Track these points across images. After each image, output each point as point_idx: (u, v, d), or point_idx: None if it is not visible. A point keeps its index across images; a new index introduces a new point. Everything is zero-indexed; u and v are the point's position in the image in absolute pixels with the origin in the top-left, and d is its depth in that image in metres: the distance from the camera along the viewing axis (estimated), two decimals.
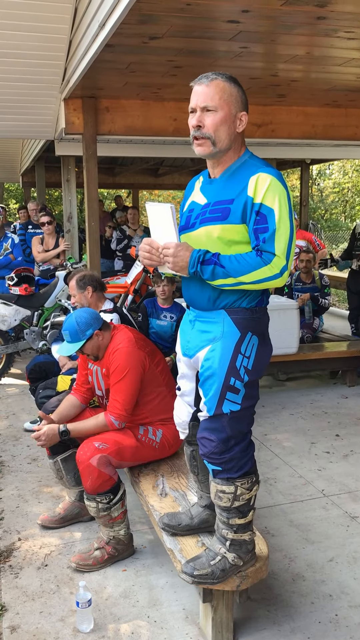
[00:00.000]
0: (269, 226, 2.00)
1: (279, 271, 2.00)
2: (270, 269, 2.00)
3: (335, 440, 4.50)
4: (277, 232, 2.00)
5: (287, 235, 2.01)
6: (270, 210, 2.00)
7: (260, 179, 2.02)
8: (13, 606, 2.64)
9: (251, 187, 2.03)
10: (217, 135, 2.08)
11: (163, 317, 4.61)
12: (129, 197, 19.60)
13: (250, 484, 2.23)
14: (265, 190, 2.01)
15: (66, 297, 6.11)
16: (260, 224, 2.01)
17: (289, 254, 2.02)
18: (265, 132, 5.82)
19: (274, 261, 2.00)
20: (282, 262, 2.00)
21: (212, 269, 2.03)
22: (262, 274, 2.00)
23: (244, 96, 2.14)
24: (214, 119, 2.07)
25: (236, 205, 2.05)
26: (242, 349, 2.12)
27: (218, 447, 2.18)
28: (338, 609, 2.61)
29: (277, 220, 2.00)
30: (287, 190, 2.05)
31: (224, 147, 2.11)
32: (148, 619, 2.55)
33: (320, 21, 3.42)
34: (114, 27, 3.20)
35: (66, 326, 2.99)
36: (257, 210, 2.02)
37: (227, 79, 2.09)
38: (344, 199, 21.75)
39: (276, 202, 2.00)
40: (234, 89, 2.10)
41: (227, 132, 2.09)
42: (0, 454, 4.29)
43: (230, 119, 2.09)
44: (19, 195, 20.90)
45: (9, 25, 3.88)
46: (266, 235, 2.00)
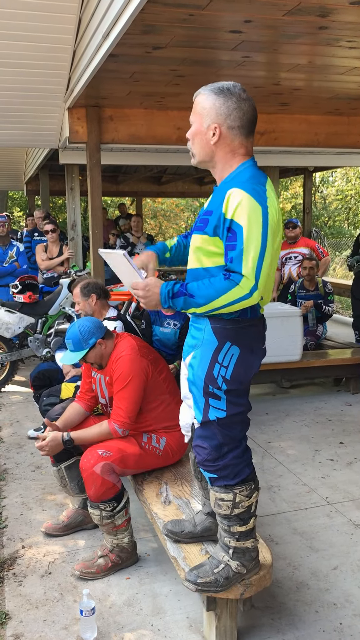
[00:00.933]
0: (237, 244, 1.93)
1: (248, 291, 1.92)
2: (240, 290, 1.92)
3: (339, 447, 4.49)
4: (244, 251, 1.91)
5: (256, 254, 1.92)
6: (240, 228, 1.93)
7: (233, 195, 1.96)
8: (17, 614, 2.64)
9: (225, 202, 1.99)
10: (193, 148, 2.14)
11: (166, 324, 4.62)
12: (132, 205, 19.67)
13: (249, 491, 2.23)
14: (236, 206, 1.94)
15: (70, 304, 6.13)
16: (230, 241, 1.96)
17: (259, 274, 1.92)
18: (268, 140, 5.86)
19: (242, 281, 1.92)
20: (251, 282, 1.91)
21: (183, 300, 2.02)
22: (231, 296, 1.94)
23: (225, 107, 2.05)
24: (190, 132, 2.14)
25: (213, 217, 2.05)
26: (219, 358, 2.10)
27: (211, 454, 2.18)
28: (342, 617, 2.60)
29: (246, 238, 1.91)
30: (263, 206, 1.95)
31: (202, 159, 2.14)
32: (152, 628, 2.54)
33: (322, 31, 3.45)
34: (118, 37, 3.24)
35: (69, 335, 3.00)
36: (228, 227, 1.96)
37: (209, 91, 2.07)
38: (347, 206, 21.77)
39: (245, 219, 1.92)
40: (209, 101, 2.06)
41: (199, 144, 2.11)
42: (4, 461, 4.30)
43: (201, 131, 2.09)
44: (23, 204, 20.99)
45: (13, 35, 3.92)
46: (234, 255, 1.93)
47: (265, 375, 5.48)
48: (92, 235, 5.52)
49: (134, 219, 8.65)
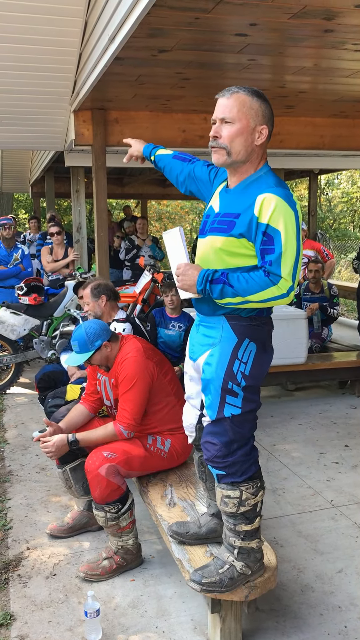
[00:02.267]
0: (275, 248, 2.01)
1: (285, 292, 2.03)
2: (277, 289, 2.03)
3: (344, 450, 4.48)
4: (283, 254, 2.01)
5: (293, 257, 2.02)
6: (277, 232, 2.01)
7: (266, 200, 2.03)
8: (22, 615, 2.65)
9: (257, 206, 2.04)
10: (232, 147, 2.11)
11: (171, 326, 4.63)
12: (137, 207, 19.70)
13: (255, 489, 2.25)
14: (272, 211, 2.01)
15: (75, 306, 6.15)
16: (266, 244, 2.03)
17: (295, 275, 2.04)
18: (274, 143, 5.83)
19: (280, 282, 2.02)
20: (289, 283, 2.03)
21: (221, 288, 2.07)
22: (269, 294, 2.04)
23: (268, 110, 2.14)
24: (230, 131, 2.11)
25: (241, 220, 2.08)
26: (239, 354, 2.16)
27: (221, 450, 2.21)
28: (347, 620, 2.59)
29: (284, 242, 2.00)
30: (295, 211, 2.05)
31: (239, 159, 2.14)
32: (156, 630, 2.54)
33: (327, 34, 3.45)
34: (124, 40, 3.25)
35: (75, 336, 3.01)
36: (264, 231, 2.03)
37: (250, 93, 2.12)
38: (353, 208, 21.73)
39: (282, 224, 2.00)
40: (255, 102, 2.11)
41: (243, 144, 2.11)
42: (9, 463, 4.31)
43: (248, 131, 2.11)
44: (28, 206, 21.05)
45: (20, 38, 3.94)
46: (272, 258, 2.02)
47: (270, 378, 5.47)
48: (97, 238, 5.52)
49: (139, 221, 8.67)
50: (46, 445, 2.93)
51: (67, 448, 2.96)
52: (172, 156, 2.58)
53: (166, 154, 2.61)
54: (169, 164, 2.58)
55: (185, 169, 2.52)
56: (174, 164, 2.56)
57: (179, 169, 2.54)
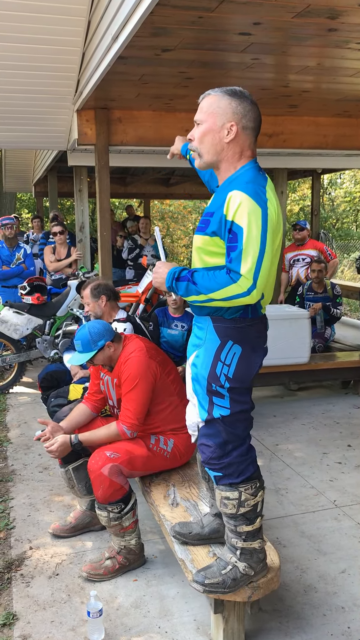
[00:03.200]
0: (238, 245, 1.97)
1: (245, 290, 1.96)
2: (238, 287, 1.97)
3: (347, 450, 4.47)
4: (244, 251, 1.95)
5: (256, 255, 1.95)
6: (240, 229, 1.97)
7: (233, 197, 1.99)
8: (24, 615, 2.65)
9: (225, 204, 2.03)
10: (201, 147, 2.15)
11: (174, 326, 4.62)
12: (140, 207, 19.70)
13: (254, 490, 2.24)
14: (236, 208, 1.97)
15: (78, 306, 6.15)
16: (231, 242, 2.00)
17: (258, 274, 1.96)
18: (277, 142, 5.85)
19: (240, 280, 1.96)
20: (249, 282, 1.95)
21: (186, 286, 2.07)
22: (230, 292, 1.98)
23: (241, 107, 2.09)
24: (198, 131, 2.15)
25: (214, 218, 2.09)
26: (221, 356, 2.14)
27: (215, 452, 2.21)
28: (350, 621, 2.58)
29: (245, 239, 1.95)
30: (263, 208, 1.99)
31: (209, 159, 2.15)
32: (159, 630, 2.54)
33: (331, 33, 3.44)
34: (127, 39, 3.24)
35: (78, 336, 3.01)
36: (229, 229, 2.01)
37: (221, 92, 2.11)
38: (355, 208, 21.71)
39: (245, 221, 1.96)
40: (224, 100, 2.10)
41: (211, 142, 2.12)
42: (12, 462, 4.31)
43: (215, 129, 2.11)
44: (31, 205, 21.06)
45: (23, 38, 3.94)
46: (234, 255, 1.98)
47: (273, 378, 5.47)
48: (100, 237, 5.52)
49: (142, 220, 8.66)
50: (50, 446, 2.93)
51: (70, 449, 2.96)
52: None
53: None
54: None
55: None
56: None
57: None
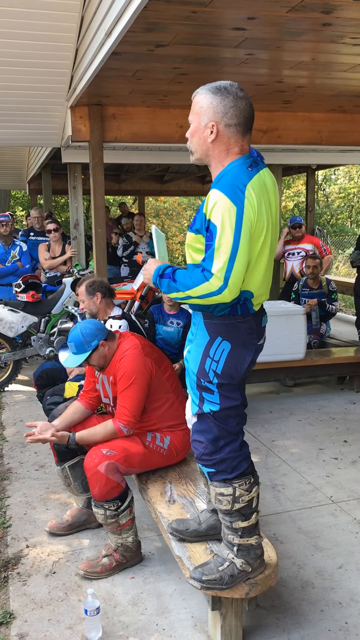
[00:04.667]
0: (212, 244, 1.97)
1: (216, 289, 1.96)
2: (210, 285, 1.97)
3: (343, 446, 4.48)
4: (216, 250, 1.96)
5: (227, 253, 1.94)
6: (215, 227, 1.97)
7: (211, 196, 2.01)
8: (21, 614, 2.64)
9: (206, 203, 2.05)
10: (192, 146, 2.19)
11: (170, 323, 4.61)
12: (135, 204, 19.66)
13: (248, 485, 2.24)
14: (212, 206, 1.98)
15: (73, 303, 6.13)
16: (208, 240, 2.02)
17: (230, 273, 1.95)
18: (271, 138, 5.84)
19: (212, 279, 1.96)
20: (219, 281, 1.95)
21: (167, 283, 2.10)
22: (203, 290, 1.99)
23: (222, 105, 2.06)
24: (189, 131, 2.19)
25: (198, 216, 2.12)
26: (210, 352, 2.15)
27: (208, 447, 2.21)
28: (348, 616, 2.59)
29: (218, 237, 1.96)
30: (238, 206, 1.96)
31: (198, 157, 2.19)
32: (157, 627, 2.54)
33: (325, 27, 3.43)
34: (121, 35, 3.23)
35: (71, 338, 3.00)
36: (207, 227, 2.03)
37: (206, 90, 2.10)
38: (350, 204, 21.72)
39: (219, 219, 1.96)
40: (206, 99, 2.08)
41: (197, 142, 2.15)
42: (8, 460, 4.30)
43: (200, 130, 2.12)
44: (25, 203, 20.99)
45: (15, 34, 3.91)
46: (207, 253, 1.99)
47: (268, 374, 5.47)
48: (94, 234, 5.51)
49: (136, 217, 8.63)
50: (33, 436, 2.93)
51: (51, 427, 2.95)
52: None
53: None
54: None
55: None
56: None
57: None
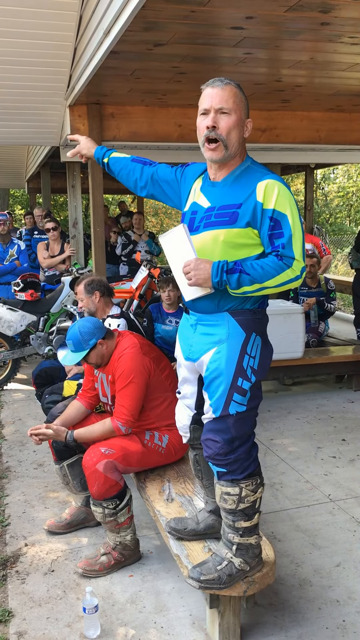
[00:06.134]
0: (284, 232, 2.06)
1: (299, 273, 2.08)
2: (292, 272, 2.07)
3: (341, 444, 4.49)
4: (293, 236, 2.07)
5: (301, 238, 2.09)
6: (284, 216, 2.07)
7: (269, 186, 2.08)
8: (20, 612, 2.65)
9: (260, 193, 2.08)
10: (229, 139, 2.12)
11: (168, 322, 4.62)
12: (133, 203, 19.65)
13: (255, 486, 2.25)
14: (277, 196, 2.07)
15: (72, 302, 6.13)
16: (274, 229, 2.08)
17: (304, 256, 2.10)
18: (270, 137, 5.83)
19: (294, 264, 2.07)
20: (301, 264, 2.08)
21: (238, 277, 2.06)
22: (284, 277, 2.08)
23: (248, 105, 2.22)
24: (228, 122, 2.11)
25: (244, 209, 2.09)
26: (248, 349, 2.17)
27: (223, 448, 2.20)
28: (346, 614, 2.60)
29: (292, 225, 2.07)
30: (292, 195, 2.13)
31: (233, 151, 2.15)
32: (155, 625, 2.54)
33: (324, 27, 3.43)
34: (119, 34, 3.22)
35: (69, 336, 3.00)
36: (270, 216, 2.07)
37: (237, 86, 2.16)
38: (349, 203, 21.73)
39: (288, 208, 2.07)
40: (242, 95, 2.17)
41: (237, 136, 2.14)
42: (7, 459, 4.30)
43: (241, 123, 2.15)
44: (24, 201, 20.98)
45: (14, 33, 3.91)
46: (284, 241, 2.07)
47: (267, 372, 5.46)
48: (93, 233, 5.51)
49: (135, 216, 8.63)
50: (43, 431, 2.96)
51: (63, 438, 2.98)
52: (130, 159, 2.50)
53: (123, 157, 2.52)
54: (126, 167, 2.49)
55: (146, 172, 2.46)
56: (133, 167, 2.48)
57: (139, 172, 2.47)
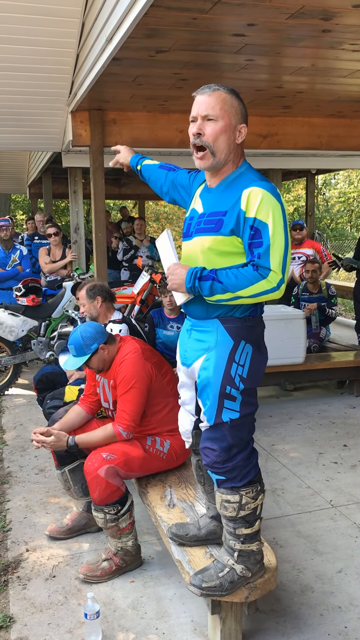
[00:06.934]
0: (264, 241, 2.00)
1: (275, 285, 2.01)
2: (267, 283, 2.01)
3: (343, 450, 4.48)
4: (271, 246, 2.00)
5: (282, 249, 2.01)
6: (265, 225, 2.00)
7: (253, 193, 2.03)
8: (21, 617, 2.64)
9: (244, 201, 2.04)
10: (216, 145, 2.11)
11: (170, 327, 4.62)
12: (135, 208, 19.69)
13: (255, 493, 2.24)
14: (259, 204, 2.01)
15: (73, 307, 6.14)
16: (255, 238, 2.02)
17: (285, 267, 2.02)
18: (271, 143, 5.86)
19: (270, 275, 2.00)
20: (278, 276, 2.00)
21: (210, 285, 2.05)
22: (259, 288, 2.01)
23: (244, 109, 2.17)
24: (214, 128, 2.10)
25: (229, 217, 2.08)
26: (236, 357, 2.14)
27: (220, 456, 2.19)
28: (347, 620, 2.59)
29: (272, 234, 2.00)
30: (281, 204, 2.05)
31: (222, 158, 2.13)
32: (156, 631, 2.54)
33: (325, 34, 3.45)
34: (121, 41, 3.24)
35: (71, 340, 3.00)
36: (251, 225, 2.02)
37: (228, 91, 2.13)
38: (350, 208, 21.77)
39: (270, 217, 2.00)
40: (234, 100, 2.13)
41: (226, 142, 2.12)
42: (8, 464, 4.30)
43: (230, 129, 2.11)
44: (25, 207, 21.03)
45: (17, 39, 3.93)
46: (261, 250, 2.01)
47: (268, 378, 5.47)
48: (95, 238, 5.52)
49: (136, 222, 8.65)
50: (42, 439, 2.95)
51: (65, 445, 2.97)
52: (158, 166, 2.58)
53: (153, 164, 2.60)
54: (154, 174, 2.58)
55: (169, 178, 2.51)
56: (159, 174, 2.55)
57: (163, 178, 2.53)
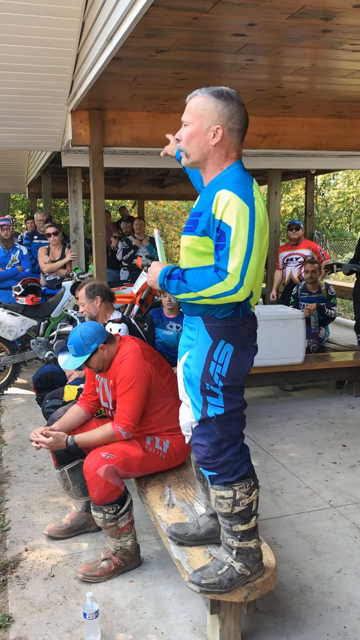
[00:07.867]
0: (225, 243, 2.00)
1: (232, 288, 1.99)
2: (225, 285, 2.00)
3: (342, 450, 4.48)
4: (231, 250, 1.99)
5: (243, 253, 1.98)
6: (228, 228, 2.00)
7: (222, 196, 2.02)
8: (20, 617, 2.64)
9: (214, 203, 2.05)
10: (188, 148, 2.19)
11: (169, 327, 4.62)
12: (134, 208, 19.69)
13: (248, 488, 2.25)
14: (224, 207, 2.00)
15: (72, 307, 6.14)
16: (219, 240, 2.03)
17: (245, 272, 1.98)
18: (271, 143, 5.86)
19: (227, 278, 1.99)
20: (235, 280, 1.98)
21: (176, 284, 2.10)
22: (217, 290, 2.01)
23: (227, 110, 2.11)
24: (185, 133, 2.18)
25: (203, 218, 2.11)
26: (214, 356, 2.16)
27: (210, 451, 2.22)
28: (346, 621, 2.59)
29: (233, 237, 1.98)
30: (251, 207, 2.02)
31: (195, 159, 2.19)
32: (155, 631, 2.54)
33: (325, 34, 3.45)
34: (122, 40, 3.24)
35: (71, 340, 3.00)
36: (217, 227, 2.03)
37: (208, 94, 2.13)
38: (349, 208, 21.78)
39: (234, 220, 1.99)
40: (210, 103, 2.12)
41: (197, 145, 2.15)
42: (7, 464, 4.30)
43: (201, 132, 2.13)
44: (25, 206, 21.02)
45: (17, 38, 3.93)
46: (221, 253, 2.01)
47: (267, 378, 5.48)
48: (94, 238, 5.52)
49: (136, 221, 8.66)
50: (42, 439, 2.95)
51: (64, 445, 2.97)
52: None
53: None
54: (192, 170, 2.63)
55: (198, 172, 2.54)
56: (195, 171, 2.59)
57: (198, 175, 2.56)
